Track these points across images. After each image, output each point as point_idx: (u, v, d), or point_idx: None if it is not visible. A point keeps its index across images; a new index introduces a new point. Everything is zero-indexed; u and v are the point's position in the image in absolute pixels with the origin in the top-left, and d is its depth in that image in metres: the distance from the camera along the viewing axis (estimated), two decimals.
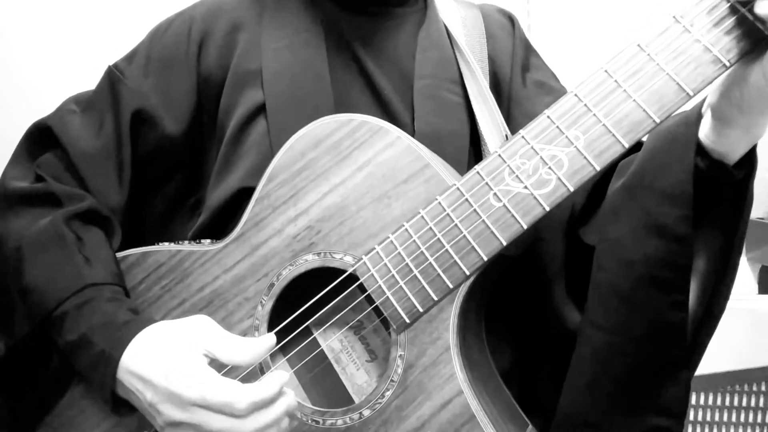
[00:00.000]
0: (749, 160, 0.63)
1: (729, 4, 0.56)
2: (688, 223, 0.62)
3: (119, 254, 0.75)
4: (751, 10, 0.54)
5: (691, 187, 0.62)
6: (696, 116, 0.62)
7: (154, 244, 0.76)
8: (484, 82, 0.78)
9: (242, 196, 0.74)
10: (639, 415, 0.66)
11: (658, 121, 0.58)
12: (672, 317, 0.64)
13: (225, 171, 0.77)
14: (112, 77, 0.79)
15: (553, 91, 0.82)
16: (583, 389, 0.68)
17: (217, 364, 0.64)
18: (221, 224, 0.76)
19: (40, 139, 0.79)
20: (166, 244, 0.75)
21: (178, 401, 0.61)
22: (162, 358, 0.63)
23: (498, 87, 0.82)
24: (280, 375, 0.63)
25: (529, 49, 0.86)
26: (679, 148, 0.63)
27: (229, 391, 0.61)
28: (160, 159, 0.80)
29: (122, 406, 0.67)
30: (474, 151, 0.78)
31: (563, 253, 0.76)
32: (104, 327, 0.66)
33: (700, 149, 0.62)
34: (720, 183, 0.63)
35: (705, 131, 0.62)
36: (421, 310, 0.63)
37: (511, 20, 0.86)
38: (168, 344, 0.64)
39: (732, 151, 0.62)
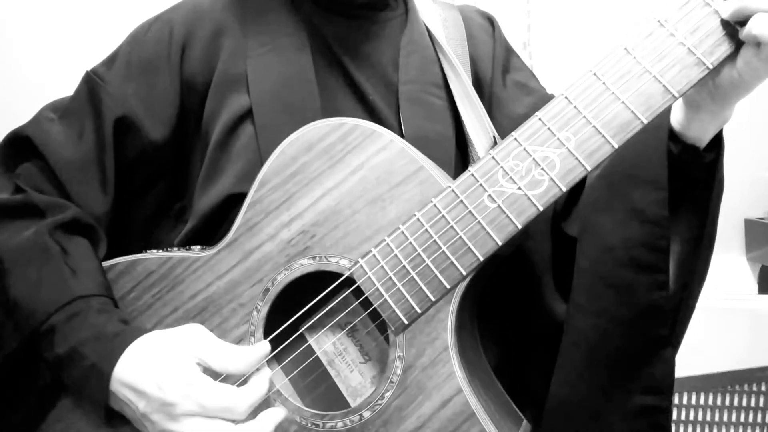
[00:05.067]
0: (717, 142, 0.66)
1: (711, 9, 0.58)
2: (665, 206, 0.65)
3: (107, 263, 0.73)
4: (741, 24, 0.56)
5: (666, 171, 0.65)
6: None
7: (140, 252, 0.75)
8: (469, 84, 0.79)
9: (231, 202, 0.73)
10: (628, 395, 0.68)
11: (645, 121, 0.60)
12: (654, 297, 0.66)
13: (212, 177, 0.76)
14: (91, 83, 0.77)
15: (533, 92, 0.83)
16: (571, 375, 0.70)
17: (210, 373, 0.64)
18: (210, 231, 0.76)
19: (18, 149, 0.77)
20: (155, 251, 0.74)
21: (171, 411, 0.61)
22: (155, 368, 0.63)
23: (480, 88, 0.83)
24: (266, 371, 0.63)
25: (509, 51, 0.87)
26: (652, 135, 0.65)
27: (228, 396, 0.61)
28: (144, 165, 0.79)
29: (115, 418, 0.66)
30: (460, 154, 0.79)
31: (550, 248, 0.78)
32: (94, 340, 0.65)
33: (673, 135, 0.65)
34: (692, 166, 0.66)
35: (677, 117, 0.65)
36: (419, 311, 0.64)
37: (491, 22, 0.87)
38: (160, 354, 0.64)
39: (702, 136, 0.65)
